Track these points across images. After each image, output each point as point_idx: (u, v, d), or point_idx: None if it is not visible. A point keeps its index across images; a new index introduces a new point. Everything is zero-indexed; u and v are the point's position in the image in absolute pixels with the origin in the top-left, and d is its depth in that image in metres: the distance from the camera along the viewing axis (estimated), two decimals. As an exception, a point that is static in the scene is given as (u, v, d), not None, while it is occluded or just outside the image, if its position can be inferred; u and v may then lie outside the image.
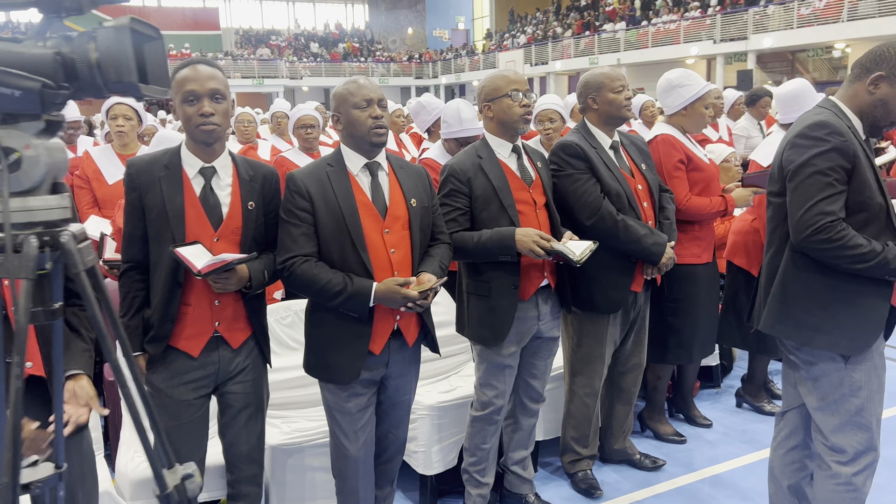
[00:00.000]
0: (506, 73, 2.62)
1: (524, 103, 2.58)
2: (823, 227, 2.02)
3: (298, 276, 2.12)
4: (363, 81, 2.18)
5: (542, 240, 2.46)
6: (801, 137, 2.11)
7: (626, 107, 2.89)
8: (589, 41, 27.76)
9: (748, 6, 21.72)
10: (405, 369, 2.34)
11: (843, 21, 18.68)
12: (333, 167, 2.19)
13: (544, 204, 2.68)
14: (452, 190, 2.56)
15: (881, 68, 2.09)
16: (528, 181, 2.64)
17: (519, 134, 2.65)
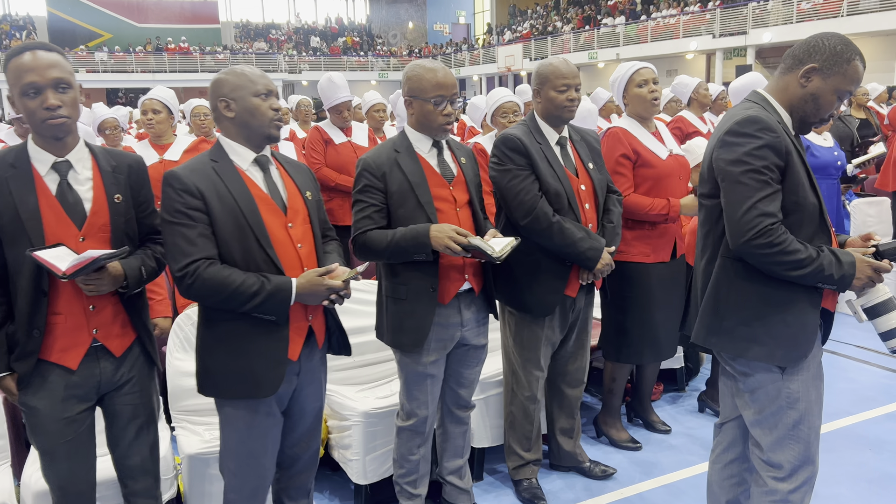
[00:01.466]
0: (435, 72, 2.41)
1: (446, 112, 2.43)
2: (765, 229, 1.88)
3: (206, 282, 1.90)
4: (257, 70, 2.04)
5: (458, 235, 2.32)
6: (730, 134, 1.96)
7: (567, 108, 2.73)
8: (589, 36, 27.55)
9: (748, 1, 21.49)
10: (316, 374, 2.21)
11: (842, 16, 18.46)
12: (218, 162, 2.02)
13: (467, 202, 2.53)
14: (367, 185, 2.42)
15: (814, 60, 1.95)
16: (449, 177, 2.50)
17: (440, 139, 2.52)
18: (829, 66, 1.94)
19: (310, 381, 2.19)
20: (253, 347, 2.00)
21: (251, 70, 2.03)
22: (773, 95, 2.05)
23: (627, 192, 3.06)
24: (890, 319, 1.99)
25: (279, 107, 2.02)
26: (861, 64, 1.95)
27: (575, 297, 2.85)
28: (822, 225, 1.99)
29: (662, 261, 3.16)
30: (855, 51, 1.95)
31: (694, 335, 2.14)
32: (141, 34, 34.30)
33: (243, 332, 1.99)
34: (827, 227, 1.99)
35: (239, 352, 2.00)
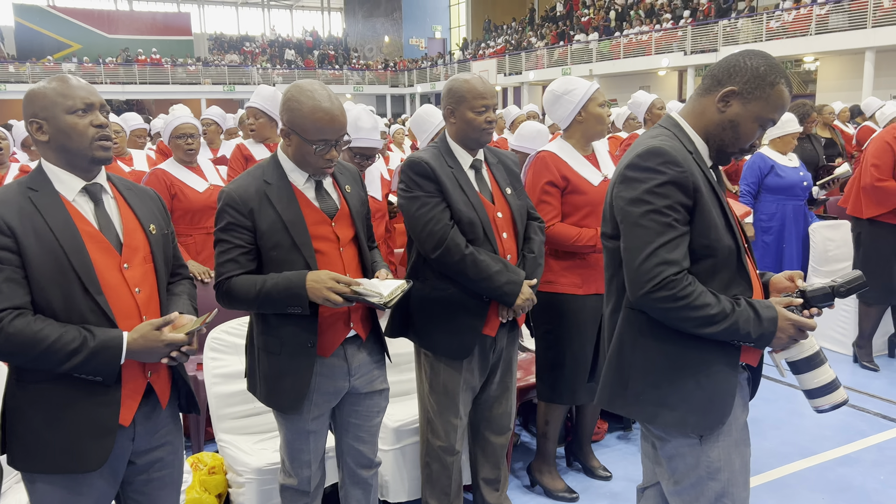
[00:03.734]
0: (314, 97, 2.02)
1: (330, 156, 2.08)
2: (666, 280, 1.60)
3: (11, 337, 1.57)
4: (74, 81, 1.72)
5: (338, 284, 2.00)
6: (631, 169, 1.69)
7: (485, 130, 2.45)
8: (562, 51, 27.55)
9: (718, 19, 21.59)
10: (164, 438, 1.88)
11: (811, 34, 18.56)
12: (38, 192, 1.69)
13: (351, 238, 2.21)
14: (231, 223, 2.06)
15: (734, 82, 1.69)
16: (331, 212, 2.17)
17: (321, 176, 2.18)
18: (751, 90, 1.68)
19: (153, 446, 1.86)
20: (73, 414, 1.67)
21: (66, 81, 1.70)
22: (688, 120, 1.78)
23: (553, 222, 2.79)
24: (816, 377, 1.73)
25: (103, 122, 1.70)
26: (787, 88, 1.69)
27: (495, 336, 2.56)
28: (740, 271, 1.71)
29: (597, 292, 2.89)
30: (780, 73, 1.68)
31: (598, 397, 1.86)
32: (112, 45, 33.76)
33: (61, 395, 1.67)
34: (746, 273, 1.72)
35: (56, 419, 1.66)
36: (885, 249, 4.32)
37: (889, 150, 4.20)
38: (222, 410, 2.73)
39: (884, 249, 4.32)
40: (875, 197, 4.28)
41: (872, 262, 4.36)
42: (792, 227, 4.97)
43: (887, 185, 4.21)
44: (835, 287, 1.73)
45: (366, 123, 3.01)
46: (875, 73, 17.17)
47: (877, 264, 4.35)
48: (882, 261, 4.34)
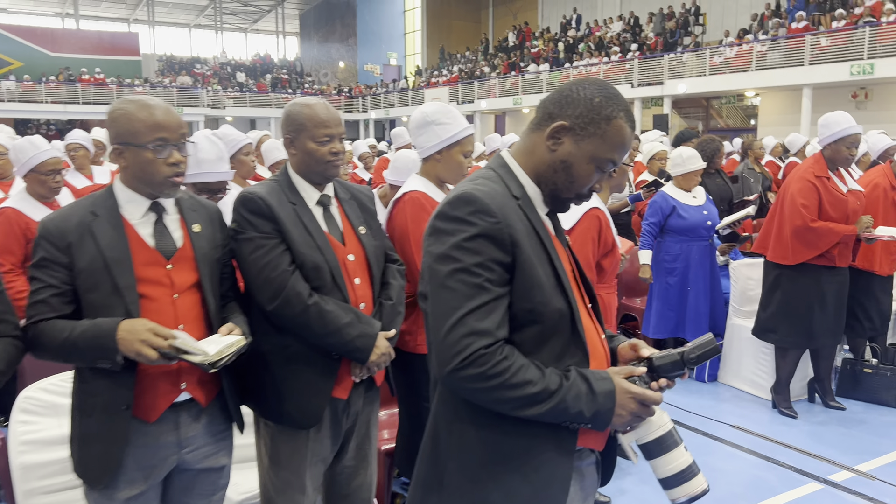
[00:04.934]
0: (152, 110, 1.83)
1: (173, 160, 1.85)
2: (476, 355, 1.31)
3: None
4: None
5: (155, 337, 1.71)
6: (440, 219, 1.40)
7: (329, 163, 2.16)
8: (514, 81, 27.71)
9: (665, 52, 21.96)
10: None
11: (752, 70, 18.97)
12: None
13: (193, 285, 1.92)
14: (45, 259, 1.79)
15: (565, 116, 1.43)
16: (168, 251, 1.89)
17: (164, 197, 1.92)
18: (584, 126, 1.42)
19: None
20: None
21: None
22: (518, 160, 1.51)
23: None
24: (669, 462, 1.45)
25: None
26: (627, 124, 1.43)
27: (348, 398, 2.24)
28: (574, 338, 1.43)
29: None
30: (619, 106, 1.43)
31: (409, 498, 1.55)
32: (55, 64, 32.76)
33: None
34: (582, 341, 1.44)
35: None
36: (806, 293, 4.12)
37: (814, 189, 4.02)
38: (31, 484, 2.33)
39: (805, 293, 4.12)
40: (806, 239, 4.02)
41: (793, 305, 4.16)
42: (697, 268, 4.82)
43: (819, 227, 3.98)
44: (684, 354, 1.47)
45: (209, 154, 2.69)
46: (812, 108, 17.55)
47: (797, 308, 4.15)
48: (803, 304, 4.14)
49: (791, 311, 4.16)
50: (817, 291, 4.09)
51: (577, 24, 28.60)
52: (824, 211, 3.99)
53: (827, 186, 4.00)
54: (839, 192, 4.00)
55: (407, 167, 3.45)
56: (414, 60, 39.55)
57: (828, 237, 3.98)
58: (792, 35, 18.30)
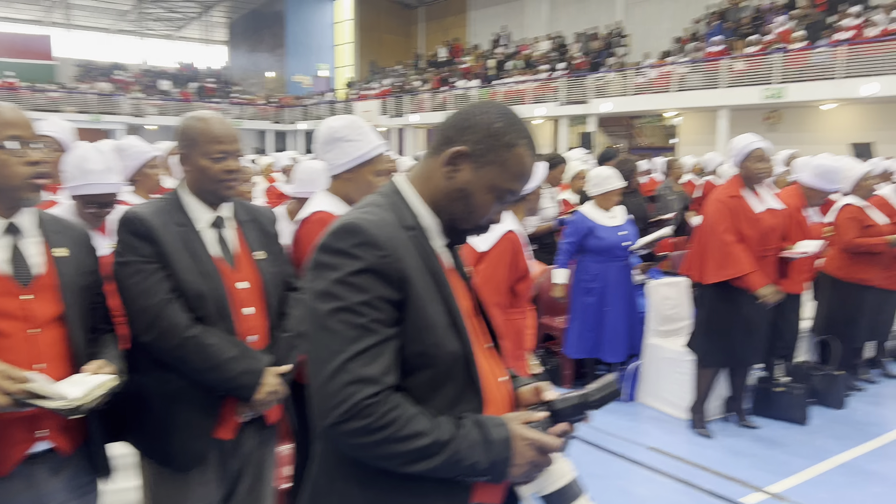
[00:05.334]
0: None
1: (29, 160, 1.66)
2: (360, 406, 1.17)
3: None
4: None
5: (6, 380, 1.50)
6: (321, 251, 1.27)
7: (224, 182, 2.00)
8: (444, 96, 27.82)
9: (590, 72, 22.48)
10: None
11: (672, 91, 19.61)
12: None
13: (56, 318, 1.71)
14: None
15: (463, 141, 1.32)
16: (24, 278, 1.68)
17: (23, 205, 1.71)
18: (483, 153, 1.31)
19: None
20: None
21: None
22: (415, 186, 1.39)
23: None
24: None
25: None
26: (529, 152, 1.33)
27: (237, 438, 2.06)
28: (469, 382, 1.31)
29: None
30: (521, 133, 1.33)
31: None
32: (-40, 66, 30.99)
33: None
34: (477, 385, 1.32)
35: None
36: (726, 311, 4.15)
37: (726, 209, 4.07)
38: None
39: (725, 311, 4.15)
40: (723, 260, 4.06)
41: (713, 323, 4.20)
42: (615, 288, 4.84)
43: (734, 249, 4.04)
44: (586, 396, 1.38)
45: (95, 165, 2.47)
46: (729, 129, 18.27)
47: (717, 326, 4.19)
48: (723, 323, 4.17)
49: (713, 329, 4.20)
50: (740, 311, 4.13)
51: (507, 42, 29.01)
52: (740, 230, 4.04)
53: (740, 205, 4.06)
54: (751, 211, 4.06)
55: (312, 179, 3.28)
56: (345, 73, 39.24)
57: (739, 261, 4.02)
58: (709, 58, 19.02)
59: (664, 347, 4.79)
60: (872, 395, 5.14)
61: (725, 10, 20.71)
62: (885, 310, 5.10)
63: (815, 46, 16.69)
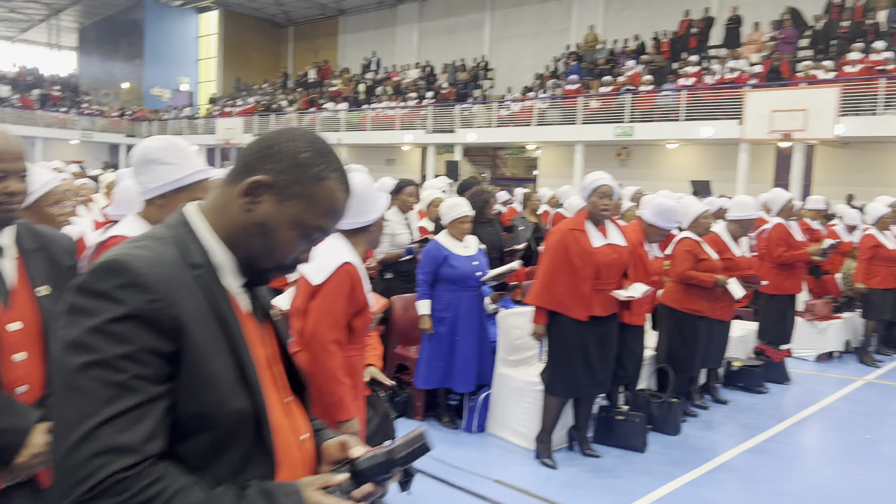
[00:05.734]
0: None
1: None
2: (109, 482, 0.97)
3: None
4: None
5: None
6: (77, 293, 1.06)
7: (2, 205, 1.73)
8: (312, 118, 27.41)
9: (457, 102, 22.97)
10: None
11: (533, 125, 20.42)
12: None
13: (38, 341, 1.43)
14: None
15: (265, 170, 1.17)
16: None
17: None
18: (288, 185, 1.17)
19: None
20: None
21: None
22: (208, 217, 1.21)
23: None
24: None
25: None
26: (341, 187, 1.21)
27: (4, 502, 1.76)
28: (260, 444, 1.15)
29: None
30: (332, 166, 1.20)
31: None
32: None
33: None
34: (268, 447, 1.16)
35: None
36: (569, 342, 4.23)
37: (561, 243, 4.18)
38: None
39: (568, 342, 4.23)
40: (544, 289, 4.22)
41: (555, 352, 4.28)
42: (466, 318, 4.83)
43: (556, 280, 4.17)
44: (392, 453, 1.25)
45: None
46: (584, 163, 19.25)
47: (558, 355, 4.26)
48: (563, 353, 4.25)
49: (556, 359, 4.27)
50: (579, 340, 4.22)
51: (377, 68, 29.11)
52: (571, 263, 4.15)
53: (577, 239, 4.17)
54: (588, 245, 4.17)
55: (130, 200, 2.98)
56: (208, 88, 37.74)
57: (556, 292, 4.16)
58: (567, 95, 20.02)
59: (513, 377, 4.81)
60: (705, 421, 5.43)
61: (583, 52, 21.92)
62: (715, 338, 5.43)
63: (661, 90, 18.01)
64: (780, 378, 6.50)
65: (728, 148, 16.77)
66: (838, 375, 6.96)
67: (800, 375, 6.77)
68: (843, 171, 16.47)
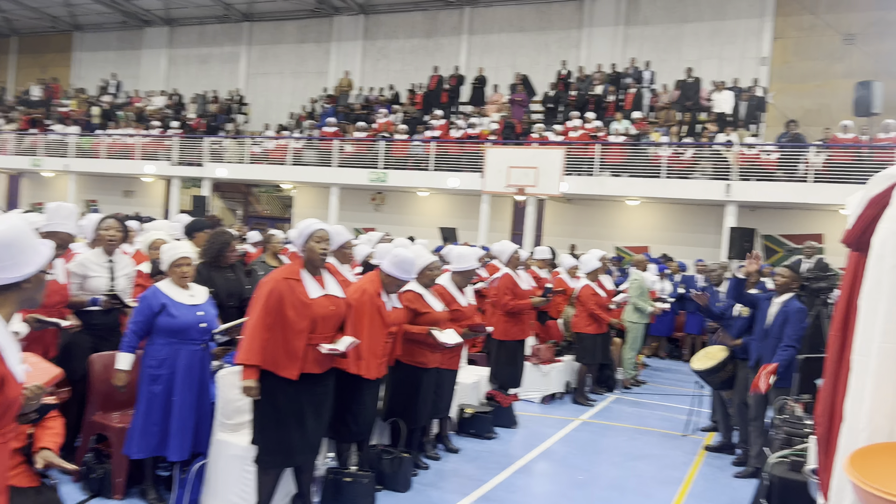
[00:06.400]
0: None
1: None
2: None
3: None
4: None
5: None
6: None
7: None
8: (35, 140, 24.16)
9: (206, 135, 21.77)
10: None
11: (289, 164, 19.98)
12: None
13: None
14: None
15: None
16: None
17: None
18: None
19: None
20: None
21: None
22: None
23: None
24: None
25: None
26: None
27: None
28: None
29: None
30: None
31: None
32: None
33: None
34: None
35: None
36: (280, 404, 3.87)
37: (276, 297, 3.87)
38: None
39: (280, 404, 3.88)
40: (248, 344, 3.88)
41: (267, 420, 3.89)
42: (185, 375, 4.31)
43: (258, 335, 3.87)
44: None
45: None
46: (340, 206, 19.24)
47: (272, 423, 3.89)
48: (278, 417, 3.90)
49: (266, 426, 3.89)
50: (293, 402, 3.90)
51: (116, 91, 26.62)
52: (285, 315, 3.84)
53: (292, 289, 3.89)
54: (303, 297, 3.90)
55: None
56: None
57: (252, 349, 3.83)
58: (323, 137, 19.95)
59: (232, 443, 4.33)
60: (437, 472, 5.41)
61: (339, 95, 22.09)
62: (444, 388, 5.46)
63: (413, 140, 18.71)
64: (509, 422, 6.78)
65: (472, 198, 17.82)
66: (559, 416, 7.47)
67: (526, 418, 7.14)
68: (568, 224, 18.34)
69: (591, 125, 16.99)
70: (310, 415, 3.97)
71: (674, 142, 16.20)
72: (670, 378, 10.39)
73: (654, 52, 18.99)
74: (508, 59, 20.92)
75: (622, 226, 17.89)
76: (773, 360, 5.29)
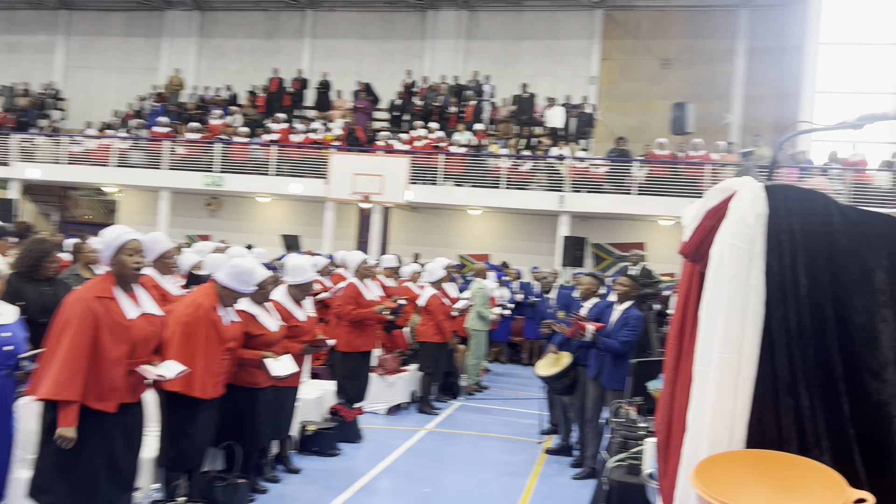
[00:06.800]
0: None
1: None
2: None
3: None
4: None
5: None
6: None
7: None
8: None
9: (15, 132, 19.54)
10: None
11: (113, 166, 18.41)
12: None
13: None
14: None
15: None
16: None
17: None
18: None
19: None
20: None
21: None
22: None
23: None
24: None
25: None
26: None
27: None
28: None
29: None
30: None
31: None
32: None
33: None
34: None
35: None
36: (88, 440, 3.33)
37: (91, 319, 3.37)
38: None
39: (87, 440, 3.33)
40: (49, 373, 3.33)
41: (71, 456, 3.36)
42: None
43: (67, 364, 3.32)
44: None
45: None
46: (171, 211, 17.99)
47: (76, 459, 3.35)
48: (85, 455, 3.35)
49: (68, 463, 3.37)
50: (100, 437, 3.43)
51: None
52: (101, 342, 3.35)
53: (108, 309, 3.41)
54: (121, 318, 3.44)
55: None
56: None
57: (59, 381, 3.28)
58: (153, 138, 18.60)
59: (33, 483, 3.78)
60: (276, 496, 5.10)
61: (170, 94, 20.73)
62: (284, 406, 5.16)
63: (252, 143, 17.94)
64: (353, 437, 6.57)
65: (316, 205, 17.38)
66: (404, 427, 7.37)
67: (371, 431, 6.96)
68: (414, 233, 18.43)
69: (434, 135, 17.21)
70: (120, 447, 3.51)
71: (512, 154, 16.83)
72: (511, 382, 10.67)
73: (494, 66, 19.60)
74: (352, 66, 20.69)
75: (464, 234, 18.27)
76: (599, 344, 5.56)
